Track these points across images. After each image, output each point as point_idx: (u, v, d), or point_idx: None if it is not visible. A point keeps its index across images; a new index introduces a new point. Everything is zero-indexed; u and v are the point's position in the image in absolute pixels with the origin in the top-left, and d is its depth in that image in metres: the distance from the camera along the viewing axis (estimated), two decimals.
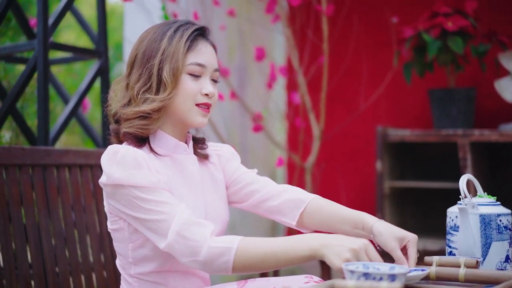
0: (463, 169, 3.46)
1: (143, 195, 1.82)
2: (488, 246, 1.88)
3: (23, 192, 2.26)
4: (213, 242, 1.77)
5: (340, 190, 4.34)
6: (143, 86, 1.93)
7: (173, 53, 1.91)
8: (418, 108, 4.14)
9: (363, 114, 4.17)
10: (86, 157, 2.51)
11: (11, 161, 2.23)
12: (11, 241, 2.19)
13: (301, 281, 1.92)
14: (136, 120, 1.93)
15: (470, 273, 1.63)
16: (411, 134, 3.67)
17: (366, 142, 4.22)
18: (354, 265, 1.50)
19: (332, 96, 4.15)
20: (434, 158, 4.03)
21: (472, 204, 1.90)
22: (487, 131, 3.45)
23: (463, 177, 1.95)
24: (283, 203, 2.09)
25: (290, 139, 4.23)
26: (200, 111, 1.95)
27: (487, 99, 3.88)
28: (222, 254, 1.76)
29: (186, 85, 1.92)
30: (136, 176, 1.82)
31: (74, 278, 2.37)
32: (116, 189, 1.85)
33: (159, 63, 1.91)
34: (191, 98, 1.93)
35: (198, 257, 1.77)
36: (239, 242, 1.77)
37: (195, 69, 1.93)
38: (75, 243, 2.42)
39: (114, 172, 1.83)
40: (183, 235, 1.78)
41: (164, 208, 1.81)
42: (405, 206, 3.99)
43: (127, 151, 1.85)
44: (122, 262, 1.98)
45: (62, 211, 2.39)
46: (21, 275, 2.19)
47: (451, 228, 1.94)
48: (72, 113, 2.99)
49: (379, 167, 3.73)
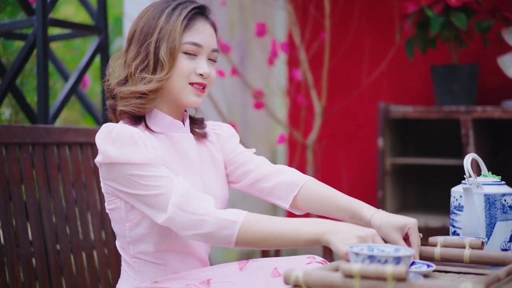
0: (465, 146, 3.45)
1: (140, 172, 1.80)
2: (492, 226, 1.86)
3: (23, 170, 2.25)
4: (217, 214, 1.76)
5: (341, 167, 4.32)
6: (140, 65, 1.91)
7: (170, 32, 1.88)
8: (420, 84, 4.11)
9: (365, 90, 4.14)
10: (86, 135, 2.50)
11: (11, 139, 2.21)
12: (11, 219, 2.18)
13: (303, 261, 1.91)
14: (132, 99, 1.91)
15: (475, 254, 1.61)
16: (413, 110, 3.65)
17: (368, 118, 4.20)
18: (359, 247, 1.49)
19: (334, 72, 4.13)
20: (436, 135, 4.01)
21: (476, 184, 1.89)
22: (490, 107, 3.43)
23: (468, 156, 1.93)
24: (277, 185, 2.05)
25: (291, 116, 4.21)
26: (194, 91, 1.92)
27: (490, 75, 3.85)
28: (227, 227, 1.76)
29: (182, 64, 1.90)
30: (132, 153, 1.81)
31: (75, 256, 2.36)
32: (112, 167, 1.83)
33: (156, 42, 1.89)
34: (186, 77, 1.91)
35: (200, 230, 1.76)
36: (244, 217, 1.77)
37: (190, 48, 1.91)
38: (76, 221, 2.41)
39: (109, 150, 1.81)
40: (184, 208, 1.77)
41: (162, 182, 1.80)
42: (406, 183, 3.98)
43: (122, 129, 1.83)
44: (121, 243, 1.97)
45: (62, 189, 2.38)
46: (22, 253, 2.18)
47: (455, 207, 1.92)
48: (72, 90, 2.96)
49: (380, 144, 3.71)
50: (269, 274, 1.87)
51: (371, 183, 4.14)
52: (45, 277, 2.25)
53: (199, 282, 1.89)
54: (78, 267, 2.36)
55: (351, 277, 1.31)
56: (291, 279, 1.36)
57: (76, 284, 2.34)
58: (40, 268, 2.24)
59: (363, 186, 4.26)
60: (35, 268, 2.23)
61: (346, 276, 1.32)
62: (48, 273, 2.26)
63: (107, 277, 2.46)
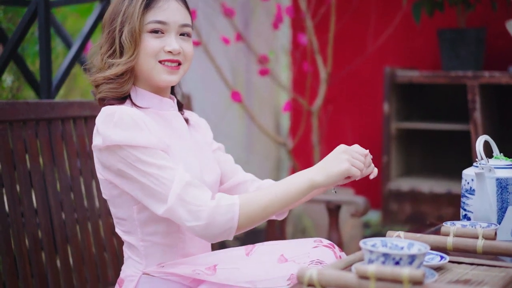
0: (472, 112, 3.42)
1: (143, 156, 1.77)
2: (504, 210, 1.85)
3: (29, 147, 2.22)
4: (214, 203, 1.75)
5: (346, 132, 4.30)
6: (108, 51, 1.89)
7: (131, 14, 1.86)
8: (427, 49, 4.07)
9: (371, 55, 4.10)
10: (91, 109, 2.46)
11: (16, 116, 2.18)
12: (16, 188, 2.15)
13: (310, 245, 1.90)
14: (104, 85, 1.89)
15: (488, 245, 1.60)
16: (420, 75, 3.61)
17: (373, 83, 4.17)
18: (372, 241, 1.47)
19: (340, 37, 4.07)
20: (442, 99, 3.98)
21: (489, 168, 1.86)
22: (497, 73, 3.40)
23: (480, 138, 1.91)
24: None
25: (296, 81, 4.17)
26: (165, 69, 1.89)
27: (498, 40, 3.81)
28: (227, 212, 1.75)
29: (148, 43, 1.86)
30: (135, 135, 1.77)
31: (80, 225, 2.35)
32: (113, 151, 1.79)
33: (120, 25, 1.87)
34: (153, 56, 1.87)
35: (200, 220, 1.75)
36: (239, 197, 1.78)
37: (155, 26, 1.87)
38: (81, 191, 2.39)
39: (111, 133, 1.78)
40: (184, 199, 1.75)
41: (164, 173, 1.77)
42: (412, 147, 3.97)
43: (123, 111, 1.80)
44: (127, 227, 1.93)
45: (67, 160, 2.35)
46: (27, 224, 2.17)
47: (466, 191, 1.90)
48: (75, 58, 2.92)
49: (386, 109, 3.68)
50: (276, 259, 1.85)
51: (376, 148, 4.12)
52: (51, 246, 2.24)
53: (206, 268, 1.87)
54: (84, 236, 2.35)
55: (367, 279, 1.30)
56: (305, 279, 1.35)
57: (82, 253, 2.34)
58: (46, 238, 2.22)
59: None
60: (40, 238, 2.22)
61: (361, 277, 1.30)
62: (54, 243, 2.25)
63: (113, 246, 2.45)
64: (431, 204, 3.61)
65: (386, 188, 3.70)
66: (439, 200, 3.59)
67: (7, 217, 2.13)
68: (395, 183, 3.70)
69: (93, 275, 2.36)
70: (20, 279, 2.11)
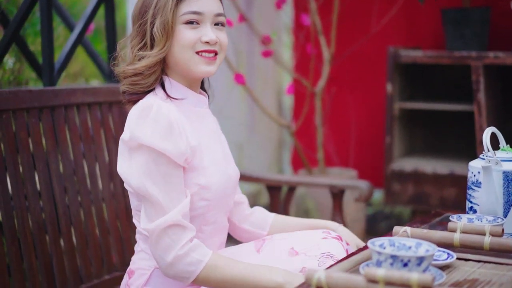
0: (476, 93, 3.41)
1: (157, 172, 1.76)
2: (510, 204, 1.84)
3: (32, 134, 2.21)
4: (188, 249, 1.76)
5: (349, 113, 4.28)
6: (139, 44, 1.87)
7: (164, 5, 1.82)
8: (431, 29, 4.03)
9: (374, 35, 4.06)
10: (94, 95, 2.45)
11: (19, 105, 2.17)
12: (19, 174, 2.15)
13: (319, 236, 1.92)
14: (128, 78, 1.88)
15: (495, 242, 1.59)
16: (424, 55, 3.59)
17: (377, 63, 4.14)
18: (380, 240, 1.47)
19: (343, 17, 4.04)
20: (446, 80, 3.96)
21: (495, 161, 1.85)
22: (502, 53, 3.37)
23: (487, 130, 1.90)
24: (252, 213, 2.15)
25: (299, 63, 4.14)
26: (202, 59, 1.86)
27: (502, 19, 3.77)
28: (191, 264, 1.77)
29: (183, 35, 1.84)
30: (164, 145, 1.75)
31: (84, 208, 2.35)
32: (138, 149, 1.77)
33: (152, 18, 1.84)
34: (190, 47, 1.85)
35: (167, 255, 1.76)
36: (211, 257, 1.78)
37: (191, 17, 1.84)
38: (85, 174, 2.38)
39: (141, 131, 1.76)
40: (166, 231, 1.76)
41: (163, 200, 1.76)
42: (415, 128, 3.96)
43: (160, 109, 1.77)
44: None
45: (70, 145, 2.35)
46: (31, 207, 2.16)
47: (472, 183, 1.89)
48: (78, 40, 2.89)
49: (389, 89, 3.67)
50: (287, 253, 1.87)
51: (379, 128, 4.11)
52: (55, 229, 2.24)
53: None
54: (87, 220, 2.35)
55: (375, 282, 1.30)
56: (313, 281, 1.35)
57: (86, 236, 2.34)
58: (49, 221, 2.22)
59: (371, 132, 4.23)
60: (44, 221, 2.21)
61: (370, 281, 1.30)
62: (58, 226, 2.25)
63: (116, 230, 2.45)
64: (434, 184, 3.60)
65: (388, 168, 3.69)
66: (442, 181, 3.59)
67: (10, 200, 2.12)
68: (398, 164, 3.70)
69: (97, 258, 2.37)
70: (24, 261, 2.11)
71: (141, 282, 1.92)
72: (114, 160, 2.48)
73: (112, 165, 2.48)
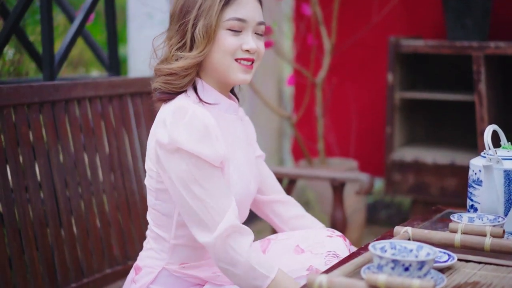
0: (477, 83, 3.40)
1: (201, 177, 1.74)
2: (511, 202, 1.84)
3: (33, 128, 2.21)
4: (253, 261, 1.75)
5: (350, 102, 4.28)
6: (177, 43, 1.84)
7: (208, 8, 1.79)
8: (432, 18, 4.02)
9: (376, 25, 4.04)
10: (95, 89, 2.44)
11: (20, 100, 2.16)
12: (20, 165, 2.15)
13: (323, 233, 1.94)
14: (162, 76, 1.85)
15: (496, 243, 1.60)
16: (425, 45, 3.58)
17: (378, 52, 4.13)
18: (381, 244, 1.47)
19: (344, 6, 4.02)
20: (447, 69, 3.95)
21: (496, 159, 1.85)
22: (503, 43, 3.36)
23: (488, 128, 1.89)
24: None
25: (299, 53, 4.13)
26: (241, 67, 1.83)
27: (504, 8, 3.76)
28: (257, 278, 1.76)
29: (225, 40, 1.81)
30: (203, 149, 1.73)
31: (85, 200, 2.36)
32: (175, 154, 1.75)
33: (194, 19, 1.80)
34: (231, 54, 1.82)
35: (233, 269, 1.75)
36: (276, 273, 1.76)
37: (234, 24, 1.81)
38: (85, 165, 2.38)
39: (178, 134, 1.73)
40: (228, 242, 1.74)
41: (215, 204, 1.74)
42: (415, 117, 3.96)
43: (196, 113, 1.75)
44: (162, 222, 1.90)
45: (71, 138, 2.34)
46: (32, 200, 2.17)
47: (473, 181, 1.89)
48: (78, 32, 2.88)
49: (390, 79, 3.66)
50: (292, 251, 1.88)
51: (379, 118, 4.11)
52: (56, 221, 2.24)
53: None
54: (88, 211, 2.36)
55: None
56: (315, 286, 1.35)
57: (86, 227, 2.34)
58: (50, 213, 2.23)
59: (372, 122, 4.23)
60: (45, 213, 2.22)
61: (371, 286, 1.31)
62: (59, 217, 2.26)
63: (117, 221, 2.46)
64: (434, 175, 3.61)
65: (389, 158, 3.69)
66: (442, 171, 3.59)
67: (11, 192, 2.13)
68: (398, 153, 3.70)
69: (98, 250, 2.37)
70: (25, 254, 2.11)
71: (147, 280, 1.93)
72: (114, 152, 2.49)
73: (113, 157, 2.48)
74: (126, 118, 2.55)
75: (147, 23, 3.80)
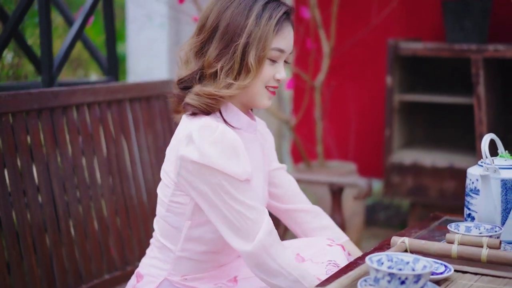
0: (476, 86, 3.40)
1: (234, 190, 1.73)
2: (508, 211, 1.85)
3: (31, 135, 2.22)
4: (295, 273, 1.75)
5: (349, 104, 4.28)
6: (225, 67, 1.78)
7: (260, 37, 1.76)
8: (432, 21, 4.02)
9: (375, 27, 4.04)
10: (94, 94, 2.44)
11: (18, 107, 2.16)
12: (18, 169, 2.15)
13: (324, 242, 1.95)
14: (204, 98, 1.79)
15: (493, 254, 1.60)
16: (424, 48, 3.58)
17: (377, 55, 4.13)
18: (377, 256, 1.48)
19: (343, 8, 4.02)
20: (446, 72, 3.95)
21: (493, 169, 1.86)
22: (502, 46, 3.37)
23: (486, 137, 1.89)
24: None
25: (298, 56, 4.13)
26: (268, 94, 1.84)
27: (503, 11, 3.76)
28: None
29: (265, 69, 1.80)
30: (233, 166, 1.73)
31: (83, 204, 2.36)
32: (204, 171, 1.73)
33: (245, 46, 1.76)
34: (264, 82, 1.82)
35: (273, 280, 1.76)
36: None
37: (276, 54, 1.81)
38: (83, 170, 2.38)
39: (208, 151, 1.72)
40: (268, 251, 1.74)
41: (250, 213, 1.74)
42: (414, 120, 3.96)
43: (225, 132, 1.74)
44: (170, 233, 1.90)
45: (69, 144, 2.35)
46: (30, 204, 2.17)
47: (471, 190, 1.90)
48: (77, 36, 2.88)
49: (389, 81, 3.66)
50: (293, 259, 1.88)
51: (378, 120, 4.11)
52: (54, 225, 2.24)
53: (227, 280, 1.90)
54: (86, 215, 2.36)
55: None
56: None
57: (85, 231, 2.35)
58: (49, 217, 2.23)
59: (371, 124, 4.23)
60: (43, 217, 2.22)
61: None
62: (57, 222, 2.26)
63: (116, 226, 2.46)
64: (433, 177, 3.61)
65: (388, 160, 3.70)
66: (441, 174, 3.60)
67: (9, 196, 2.13)
68: (397, 156, 3.71)
69: (96, 254, 2.37)
70: (23, 258, 2.12)
71: None
72: (113, 157, 2.49)
73: (111, 161, 2.48)
74: (125, 123, 2.55)
75: (146, 25, 3.80)
